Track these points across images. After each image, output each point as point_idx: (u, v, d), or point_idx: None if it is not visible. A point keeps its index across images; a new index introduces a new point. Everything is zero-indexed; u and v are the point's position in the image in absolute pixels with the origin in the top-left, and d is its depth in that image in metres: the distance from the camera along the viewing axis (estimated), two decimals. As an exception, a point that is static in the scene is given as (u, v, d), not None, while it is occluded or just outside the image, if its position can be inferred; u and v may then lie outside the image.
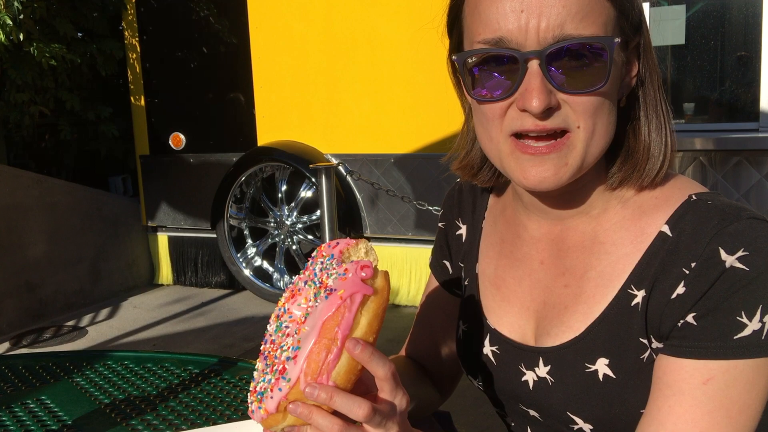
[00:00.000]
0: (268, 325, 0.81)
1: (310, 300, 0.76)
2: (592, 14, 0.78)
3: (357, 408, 0.72)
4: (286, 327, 0.77)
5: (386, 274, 0.76)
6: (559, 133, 0.82)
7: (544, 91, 0.79)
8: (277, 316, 0.80)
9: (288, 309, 0.78)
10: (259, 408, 0.75)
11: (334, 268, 0.76)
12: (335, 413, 0.73)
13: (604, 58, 0.79)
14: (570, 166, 0.82)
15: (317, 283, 0.77)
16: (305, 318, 0.75)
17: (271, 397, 0.73)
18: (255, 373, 0.80)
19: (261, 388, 0.76)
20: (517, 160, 0.84)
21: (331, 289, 0.73)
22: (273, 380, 0.74)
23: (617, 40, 0.79)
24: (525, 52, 0.78)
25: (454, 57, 0.88)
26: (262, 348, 0.80)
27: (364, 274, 0.74)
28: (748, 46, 4.24)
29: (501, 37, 0.80)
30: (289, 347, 0.74)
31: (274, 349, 0.77)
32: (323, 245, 0.82)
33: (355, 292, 0.73)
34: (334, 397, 0.71)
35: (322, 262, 0.79)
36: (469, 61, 0.84)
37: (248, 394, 0.80)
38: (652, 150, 0.86)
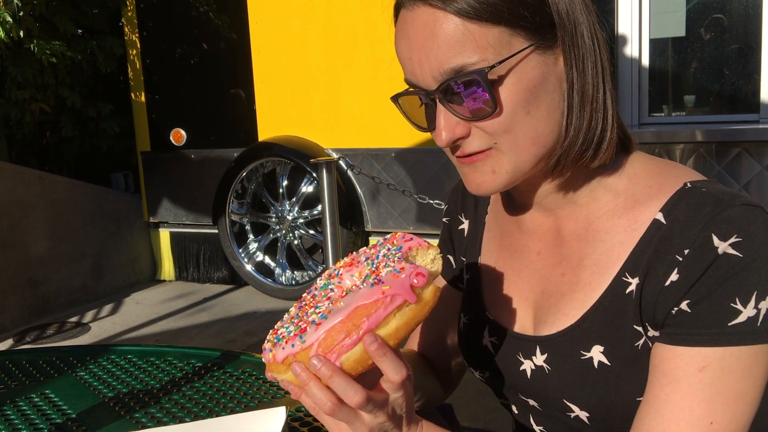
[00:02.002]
0: (318, 279, 0.83)
1: (361, 277, 0.77)
2: (470, 42, 0.77)
3: (353, 394, 0.73)
4: (331, 290, 0.78)
5: (438, 290, 0.75)
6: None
7: (448, 127, 0.82)
8: (329, 276, 0.82)
9: (341, 274, 0.80)
10: (270, 351, 0.77)
11: (394, 262, 0.76)
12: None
13: (483, 88, 0.78)
14: (499, 173, 0.84)
15: (373, 266, 0.77)
16: (346, 294, 0.76)
17: (283, 348, 0.75)
18: (285, 315, 0.82)
19: (281, 334, 0.77)
20: (461, 169, 0.88)
21: (380, 280, 0.73)
22: (292, 334, 0.75)
23: (487, 69, 0.77)
24: (429, 91, 0.82)
25: (390, 97, 0.91)
26: (303, 295, 0.82)
27: (415, 281, 0.73)
28: (748, 37, 4.24)
29: (409, 80, 0.85)
30: (319, 312, 0.75)
31: (311, 305, 0.78)
32: (399, 233, 0.83)
33: (397, 294, 0.72)
34: (333, 377, 0.72)
35: (389, 249, 0.80)
36: (399, 100, 0.89)
37: (270, 331, 0.81)
38: (570, 135, 0.84)
